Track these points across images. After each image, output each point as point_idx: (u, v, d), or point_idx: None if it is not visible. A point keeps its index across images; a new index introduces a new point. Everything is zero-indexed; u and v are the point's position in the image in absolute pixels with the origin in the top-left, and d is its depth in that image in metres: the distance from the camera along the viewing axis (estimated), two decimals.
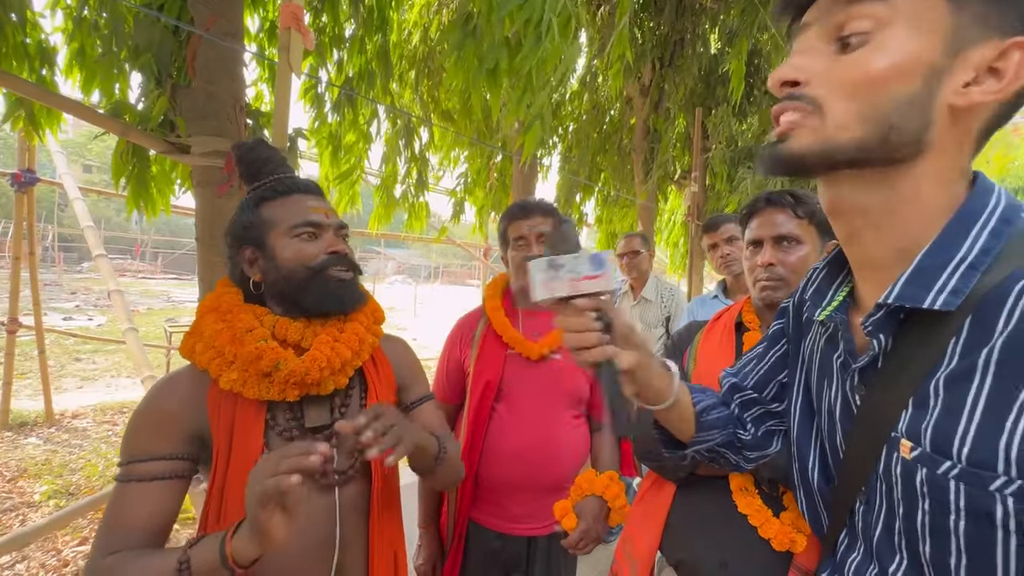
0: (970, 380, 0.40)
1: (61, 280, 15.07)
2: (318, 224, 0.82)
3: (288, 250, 0.80)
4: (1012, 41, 0.40)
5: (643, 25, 5.18)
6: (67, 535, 2.52)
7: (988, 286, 0.41)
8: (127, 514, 0.69)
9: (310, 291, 0.80)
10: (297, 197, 0.83)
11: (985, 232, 0.43)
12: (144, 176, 2.09)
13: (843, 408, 0.53)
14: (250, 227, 0.82)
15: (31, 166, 3.72)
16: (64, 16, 2.13)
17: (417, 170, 3.90)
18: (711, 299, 2.06)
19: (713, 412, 0.69)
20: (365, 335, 0.85)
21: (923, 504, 0.42)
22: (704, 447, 0.70)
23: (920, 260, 0.44)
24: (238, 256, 0.83)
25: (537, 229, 1.29)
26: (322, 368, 0.77)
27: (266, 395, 0.75)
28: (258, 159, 0.87)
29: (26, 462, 3.35)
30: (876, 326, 0.46)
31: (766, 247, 0.99)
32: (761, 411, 0.70)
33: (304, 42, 1.47)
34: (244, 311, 0.80)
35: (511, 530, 1.26)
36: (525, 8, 1.50)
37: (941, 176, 0.44)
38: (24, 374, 5.21)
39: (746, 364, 0.73)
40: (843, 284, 0.56)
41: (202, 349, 0.76)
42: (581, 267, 0.58)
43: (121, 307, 2.77)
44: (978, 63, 0.41)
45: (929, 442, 0.42)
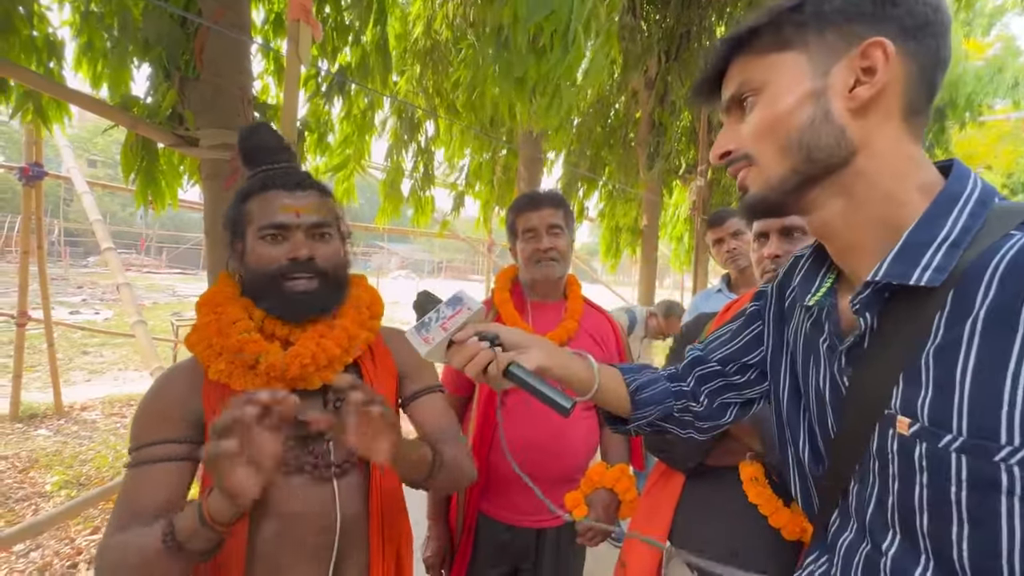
0: (957, 351, 0.42)
1: (67, 274, 15.17)
2: (283, 225, 0.78)
3: (254, 251, 0.79)
4: (867, 43, 0.48)
5: (649, 18, 5.13)
6: (79, 524, 2.56)
7: (968, 261, 0.44)
8: (137, 495, 0.70)
9: (266, 298, 0.79)
10: (272, 194, 0.80)
11: (965, 213, 0.46)
12: (152, 169, 2.10)
13: (832, 390, 0.55)
14: (235, 220, 0.82)
15: (38, 160, 3.74)
16: (72, 10, 2.13)
17: (423, 164, 3.89)
18: (715, 293, 2.07)
19: (647, 390, 0.72)
20: (357, 331, 0.83)
21: (920, 478, 0.44)
22: (643, 422, 0.74)
23: (906, 239, 0.47)
24: (232, 248, 0.84)
25: (548, 221, 1.29)
26: (304, 364, 0.76)
27: (251, 386, 0.75)
28: (254, 146, 0.85)
29: (37, 453, 3.39)
30: (863, 304, 0.49)
31: (772, 239, 1.00)
32: (721, 383, 0.72)
33: (313, 33, 1.47)
34: (234, 304, 0.80)
35: (520, 522, 1.26)
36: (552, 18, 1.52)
37: (886, 165, 0.49)
38: (33, 367, 5.26)
39: (714, 339, 0.76)
40: (829, 272, 0.59)
41: (195, 341, 0.78)
42: (443, 313, 0.65)
43: (129, 300, 2.79)
44: (851, 70, 0.49)
45: (927, 417, 0.43)
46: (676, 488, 0.96)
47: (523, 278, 1.37)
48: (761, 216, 0.56)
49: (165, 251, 24.57)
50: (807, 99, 0.50)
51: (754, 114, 0.53)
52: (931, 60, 0.48)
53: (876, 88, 0.47)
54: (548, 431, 1.25)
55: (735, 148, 0.55)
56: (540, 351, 0.65)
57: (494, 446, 1.26)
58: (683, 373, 0.76)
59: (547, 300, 1.37)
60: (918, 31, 0.47)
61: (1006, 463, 0.39)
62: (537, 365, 0.63)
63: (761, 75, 0.52)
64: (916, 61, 0.48)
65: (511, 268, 1.43)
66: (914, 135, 0.50)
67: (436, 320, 0.65)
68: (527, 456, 1.24)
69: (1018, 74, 9.61)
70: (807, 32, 0.50)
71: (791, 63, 0.50)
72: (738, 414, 0.73)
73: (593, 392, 0.69)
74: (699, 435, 0.75)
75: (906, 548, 0.46)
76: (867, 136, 0.49)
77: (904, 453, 0.45)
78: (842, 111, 0.49)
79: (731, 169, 0.56)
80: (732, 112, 0.56)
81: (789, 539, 0.81)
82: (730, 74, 0.55)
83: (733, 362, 0.72)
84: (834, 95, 0.49)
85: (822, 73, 0.49)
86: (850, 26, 0.48)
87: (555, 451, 1.25)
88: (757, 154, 0.53)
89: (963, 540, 0.41)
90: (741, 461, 0.89)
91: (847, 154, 0.49)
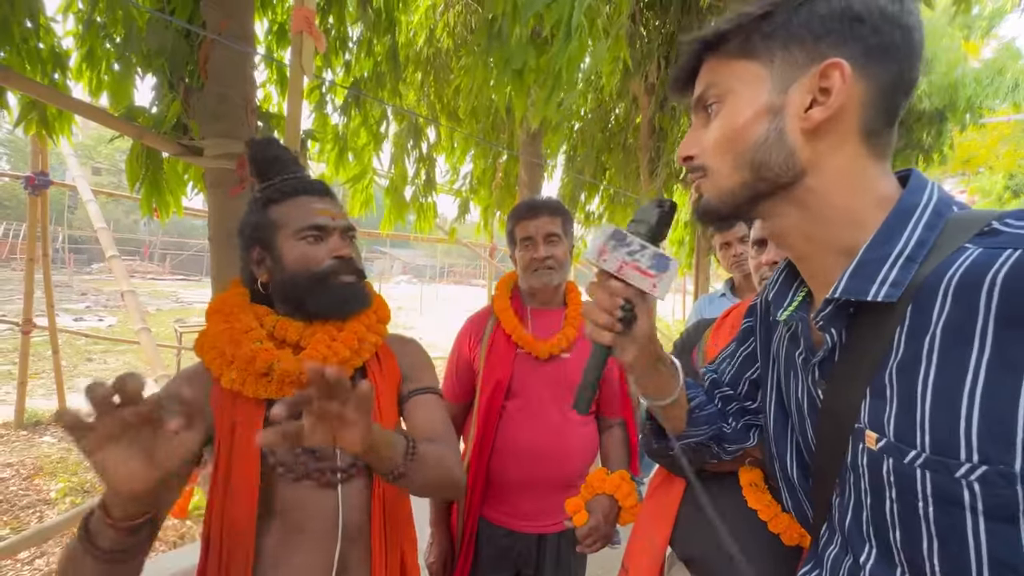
0: (917, 367, 0.42)
1: (71, 281, 15.24)
2: (323, 227, 0.82)
3: (293, 253, 0.81)
4: (826, 64, 0.47)
5: (649, 24, 5.16)
6: None
7: (923, 275, 0.44)
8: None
9: (314, 295, 0.81)
10: (304, 199, 0.84)
11: (920, 226, 0.46)
12: (157, 178, 2.12)
13: (809, 403, 0.55)
14: (258, 228, 0.83)
15: (44, 169, 3.77)
16: (75, 20, 2.16)
17: (425, 171, 3.91)
18: (719, 297, 2.07)
19: (705, 409, 0.71)
20: (366, 334, 0.85)
21: (890, 493, 0.44)
22: (693, 441, 0.72)
23: (861, 255, 0.47)
24: (247, 255, 0.85)
25: (545, 229, 1.30)
26: None
27: (264, 393, 0.77)
28: (268, 158, 0.88)
29: (42, 460, 3.40)
30: (827, 320, 0.49)
31: (770, 245, 1.00)
32: (738, 407, 0.73)
33: (316, 45, 1.49)
34: (245, 312, 0.82)
35: (521, 527, 1.27)
36: (553, 8, 1.50)
37: (840, 182, 0.49)
38: (38, 374, 5.29)
39: (721, 361, 0.76)
40: (801, 286, 0.59)
41: (206, 349, 0.79)
42: (642, 257, 0.55)
43: (134, 307, 2.81)
44: (809, 89, 0.48)
45: (893, 432, 0.43)
46: (677, 494, 0.96)
47: (522, 285, 1.38)
48: (712, 223, 0.56)
49: (168, 258, 24.68)
50: (763, 115, 0.49)
51: (715, 123, 0.52)
52: (892, 83, 0.48)
53: (830, 111, 0.47)
54: (549, 437, 1.26)
55: (696, 154, 0.55)
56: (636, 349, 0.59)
57: (495, 452, 1.27)
58: (710, 393, 0.74)
59: (547, 307, 1.38)
60: (882, 53, 0.47)
61: (967, 479, 0.38)
62: (625, 361, 0.59)
63: (726, 81, 0.52)
64: (876, 83, 0.47)
65: (511, 275, 1.44)
66: (875, 152, 0.49)
67: (629, 251, 0.56)
68: (528, 462, 1.25)
69: (1018, 76, 9.60)
70: (774, 45, 0.49)
71: (754, 75, 0.50)
72: (761, 435, 0.72)
73: (669, 401, 0.66)
74: (726, 456, 0.74)
75: (882, 561, 0.45)
76: (817, 158, 0.48)
77: (873, 467, 0.45)
78: (795, 131, 0.48)
79: (690, 176, 0.57)
80: (699, 113, 0.56)
81: (788, 544, 0.82)
82: (700, 74, 0.55)
83: (739, 383, 0.72)
84: (789, 114, 0.48)
85: (781, 90, 0.49)
86: (815, 44, 0.47)
87: (556, 457, 1.26)
88: (712, 166, 0.53)
89: (934, 555, 0.41)
90: (741, 467, 0.89)
91: (795, 174, 0.49)
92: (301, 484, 0.77)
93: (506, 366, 1.28)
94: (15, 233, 15.84)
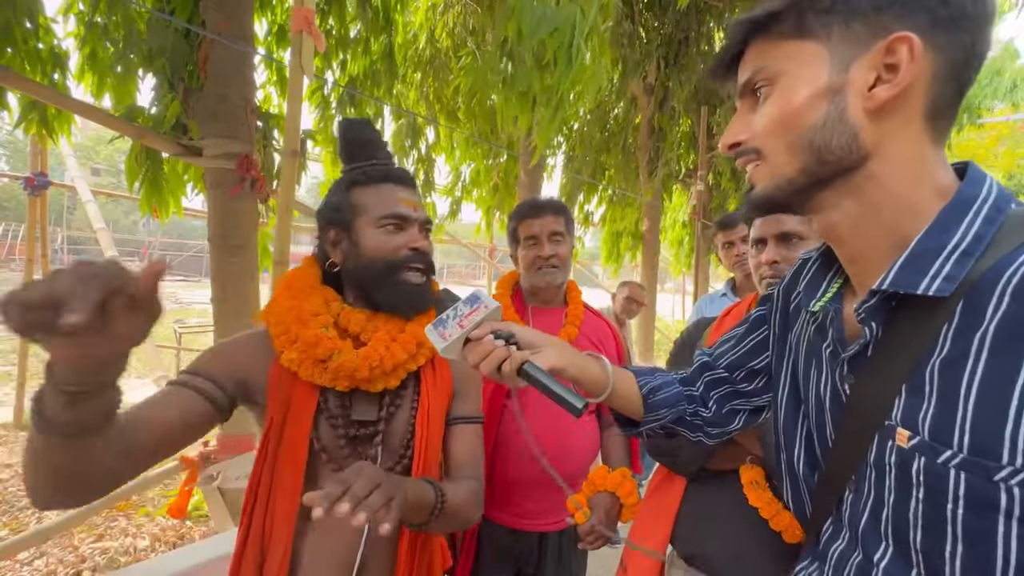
0: (963, 366, 0.40)
1: None
2: (405, 217, 0.82)
3: (372, 239, 0.81)
4: (892, 38, 0.44)
5: (648, 24, 5.17)
6: (83, 532, 2.56)
7: (980, 271, 0.42)
8: (151, 403, 0.70)
9: (385, 286, 0.81)
10: (389, 187, 0.83)
11: (979, 219, 0.43)
12: (157, 178, 2.13)
13: (832, 397, 0.53)
14: (339, 209, 0.82)
15: (43, 170, 3.77)
16: (76, 21, 2.16)
17: (424, 171, 3.92)
18: (720, 297, 2.07)
19: (660, 393, 0.71)
20: (424, 338, 0.82)
21: (917, 492, 0.42)
22: (656, 425, 0.73)
23: (914, 246, 0.44)
24: (323, 235, 0.84)
25: (549, 228, 1.30)
26: (373, 367, 0.78)
27: (318, 380, 0.77)
28: (358, 139, 0.86)
29: None
30: (869, 313, 0.47)
31: (770, 245, 1.00)
32: (729, 390, 0.72)
33: (316, 45, 1.49)
34: (315, 293, 0.81)
35: (523, 526, 1.27)
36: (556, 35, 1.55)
37: (902, 168, 0.46)
38: (37, 375, 5.28)
39: (722, 344, 0.75)
40: (836, 276, 0.57)
41: (274, 322, 0.79)
42: (460, 311, 0.66)
43: None
44: (873, 66, 0.45)
45: (928, 430, 0.42)
46: (678, 492, 0.96)
47: (524, 284, 1.38)
48: (766, 214, 0.54)
49: (167, 258, 24.62)
50: (822, 96, 0.46)
51: (767, 106, 0.49)
52: (963, 56, 0.44)
53: (897, 88, 0.44)
54: (550, 435, 1.26)
55: (745, 139, 0.52)
56: (554, 351, 0.65)
57: (496, 451, 1.27)
58: (693, 377, 0.75)
59: (548, 306, 1.38)
60: (952, 24, 0.43)
61: (1006, 483, 0.37)
62: (551, 365, 0.63)
63: (777, 64, 0.49)
64: (946, 57, 0.44)
65: (512, 274, 1.44)
66: (935, 138, 0.47)
67: (454, 317, 0.66)
68: (529, 461, 1.25)
69: (1016, 76, 9.63)
70: (832, 21, 0.46)
71: (810, 54, 0.47)
72: (747, 420, 0.72)
73: (607, 394, 0.68)
74: (708, 440, 0.75)
75: (898, 560, 0.44)
76: (882, 140, 0.46)
77: (902, 466, 0.44)
78: (858, 111, 0.46)
79: (739, 161, 0.53)
80: (745, 98, 0.53)
81: (790, 542, 0.82)
82: (746, 57, 0.52)
83: (739, 368, 0.71)
84: (852, 93, 0.45)
85: (841, 68, 0.46)
86: (879, 16, 0.44)
87: (557, 455, 1.26)
88: (766, 150, 0.50)
89: (956, 557, 0.40)
90: (742, 465, 0.90)
91: (859, 158, 0.46)
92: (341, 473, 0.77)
93: None
94: (14, 234, 15.82)
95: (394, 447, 0.81)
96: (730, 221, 2.00)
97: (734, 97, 0.59)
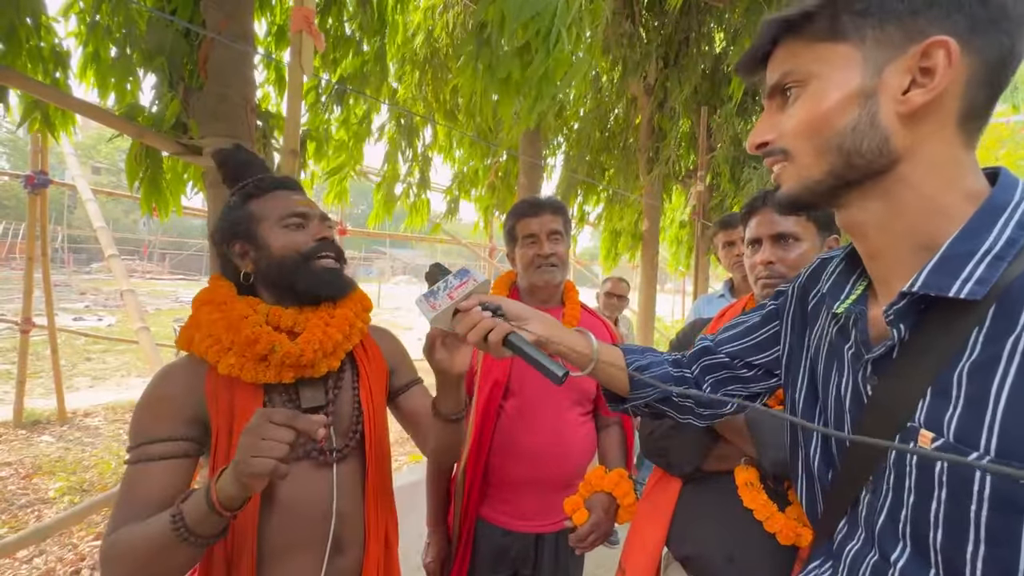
0: (994, 370, 0.40)
1: (71, 281, 15.23)
2: (304, 214, 0.87)
3: (279, 238, 0.85)
4: (928, 42, 0.43)
5: (647, 25, 5.17)
6: (82, 530, 2.57)
7: (1012, 276, 0.41)
8: (138, 492, 0.72)
9: (302, 276, 0.84)
10: (282, 192, 0.89)
11: (1011, 224, 0.43)
12: (157, 178, 2.13)
13: (853, 398, 0.53)
14: (240, 222, 0.86)
15: (44, 168, 3.77)
16: (77, 20, 2.16)
17: (419, 169, 3.94)
18: (717, 298, 2.07)
19: (647, 372, 0.73)
20: (355, 320, 0.89)
21: (939, 493, 0.42)
22: (640, 403, 0.75)
23: (946, 249, 0.44)
24: (228, 251, 0.87)
25: (548, 227, 1.30)
26: (316, 349, 0.81)
27: (263, 378, 0.79)
28: (240, 162, 0.93)
29: (40, 459, 3.40)
30: (898, 315, 0.46)
31: (765, 245, 1.00)
32: (727, 375, 0.72)
33: (316, 44, 1.49)
34: (238, 301, 0.84)
35: (519, 527, 1.27)
36: (536, 20, 1.54)
37: (933, 172, 0.46)
38: (36, 373, 5.29)
39: (726, 331, 0.75)
40: (860, 278, 0.57)
41: (200, 338, 0.80)
42: (451, 283, 0.70)
43: (133, 307, 2.81)
44: (907, 70, 0.44)
45: (953, 433, 0.42)
46: (673, 493, 0.96)
47: (522, 283, 1.39)
48: (792, 213, 0.54)
49: (168, 257, 24.66)
50: (854, 100, 0.46)
51: (796, 107, 0.49)
52: (1000, 58, 0.43)
53: (933, 93, 0.43)
54: (547, 436, 1.26)
55: (772, 139, 0.52)
56: (540, 323, 0.67)
57: (493, 452, 1.27)
58: (688, 361, 0.76)
59: (545, 306, 1.38)
60: (991, 26, 0.42)
61: None
62: (536, 336, 0.66)
63: (808, 65, 0.48)
64: (982, 60, 0.43)
65: (509, 274, 1.45)
66: (967, 141, 0.46)
67: (444, 289, 0.70)
68: (526, 461, 1.25)
69: (1016, 78, 9.64)
70: (866, 24, 0.45)
71: (843, 57, 0.46)
72: (739, 407, 0.74)
73: (591, 367, 0.70)
74: (698, 421, 0.75)
75: (916, 560, 0.44)
76: (914, 144, 0.45)
77: (924, 467, 0.43)
78: (890, 116, 0.45)
79: (767, 161, 0.54)
80: (774, 98, 0.52)
81: (785, 543, 0.82)
82: (776, 57, 0.52)
83: (743, 358, 0.71)
84: (884, 97, 0.45)
85: (875, 72, 0.45)
86: (914, 20, 0.43)
87: (554, 456, 1.26)
88: (794, 151, 0.50)
89: (978, 559, 0.40)
90: (737, 466, 0.90)
91: (889, 162, 0.46)
92: (298, 465, 0.81)
93: (504, 365, 1.28)
94: (15, 232, 15.82)
95: (344, 428, 0.87)
96: (731, 221, 2.00)
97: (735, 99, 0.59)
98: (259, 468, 0.60)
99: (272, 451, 0.61)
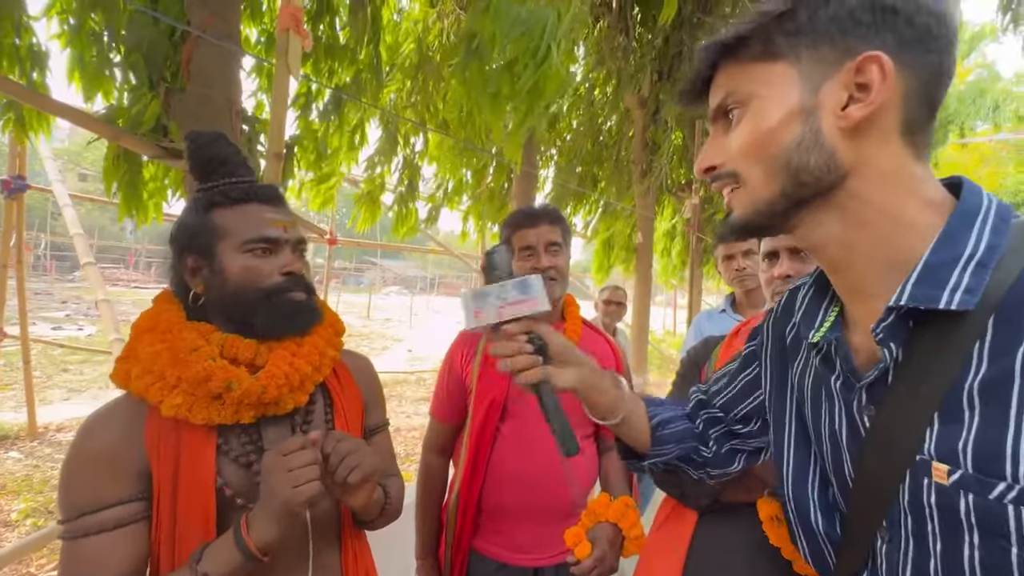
0: (1009, 386, 0.37)
1: (52, 289, 14.88)
2: (275, 240, 0.74)
3: (237, 265, 0.72)
4: (862, 58, 0.44)
5: (641, 38, 5.21)
6: (43, 558, 2.40)
7: (1006, 283, 0.40)
8: (90, 572, 0.62)
9: (260, 314, 0.72)
10: (255, 207, 0.74)
11: (987, 229, 0.43)
12: (136, 182, 2.04)
13: (849, 433, 0.49)
14: (198, 234, 0.73)
15: (21, 173, 3.66)
16: (59, 20, 2.08)
17: (408, 177, 3.90)
18: (719, 313, 2.01)
19: (669, 426, 0.70)
20: (325, 348, 0.79)
21: (971, 537, 0.38)
22: (660, 460, 0.71)
23: (928, 257, 0.43)
24: (180, 263, 0.74)
25: (546, 238, 1.23)
26: (280, 385, 0.70)
27: (217, 419, 0.67)
28: (214, 156, 0.76)
29: (5, 478, 3.23)
30: (887, 332, 0.44)
31: (783, 258, 0.96)
32: (725, 430, 0.70)
33: (303, 44, 1.43)
34: (187, 329, 0.71)
35: (516, 560, 1.18)
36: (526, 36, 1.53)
37: (884, 184, 0.46)
38: (9, 385, 5.07)
39: (715, 383, 0.73)
40: (832, 304, 0.55)
41: (139, 374, 0.67)
42: (507, 293, 0.61)
43: (109, 317, 2.69)
44: (844, 86, 0.45)
45: (971, 462, 0.38)
46: (688, 527, 0.88)
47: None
48: (746, 238, 0.54)
49: (154, 265, 24.30)
50: (796, 116, 0.46)
51: (739, 129, 0.49)
52: (933, 74, 0.45)
53: (871, 108, 0.44)
54: (544, 461, 1.17)
55: (720, 163, 0.51)
56: (576, 373, 0.64)
57: (488, 479, 1.18)
58: (692, 414, 0.73)
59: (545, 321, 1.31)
60: (919, 44, 0.44)
61: None
62: (567, 386, 0.63)
63: (747, 86, 0.49)
64: (916, 76, 0.44)
65: None
66: (916, 153, 0.46)
67: (497, 299, 0.61)
68: (523, 489, 1.17)
69: (998, 98, 9.91)
70: (799, 43, 0.46)
71: (780, 76, 0.47)
72: (748, 461, 0.71)
73: (616, 420, 0.67)
74: (709, 479, 0.72)
75: None
76: (860, 158, 0.46)
77: (946, 507, 0.39)
78: (833, 131, 0.46)
79: (715, 185, 0.53)
80: (718, 122, 0.53)
81: None
82: (716, 82, 0.52)
83: (732, 410, 0.69)
84: (825, 114, 0.46)
85: (812, 89, 0.46)
86: (844, 38, 0.45)
87: (553, 484, 1.17)
88: (744, 173, 0.50)
89: None
90: (760, 498, 0.82)
91: (838, 177, 0.46)
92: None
93: (501, 384, 1.20)
94: None
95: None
96: None
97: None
98: (308, 493, 0.61)
99: (309, 475, 0.61)
